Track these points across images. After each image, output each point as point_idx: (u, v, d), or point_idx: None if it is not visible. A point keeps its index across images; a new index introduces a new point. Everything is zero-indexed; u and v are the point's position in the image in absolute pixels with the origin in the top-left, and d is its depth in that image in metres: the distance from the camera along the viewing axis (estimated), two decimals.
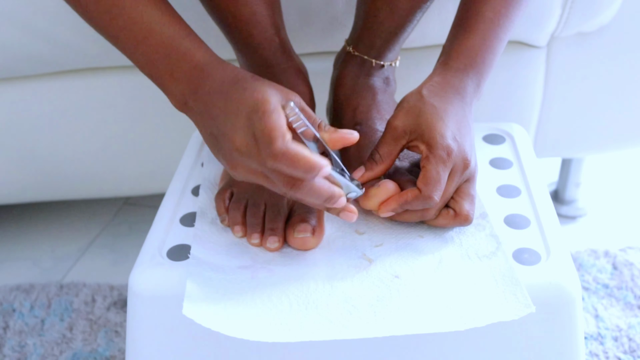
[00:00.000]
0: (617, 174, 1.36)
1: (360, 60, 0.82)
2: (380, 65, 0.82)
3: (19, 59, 0.98)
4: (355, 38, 0.82)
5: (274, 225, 0.70)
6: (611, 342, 0.95)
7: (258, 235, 0.69)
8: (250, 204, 0.72)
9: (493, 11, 0.73)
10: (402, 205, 0.68)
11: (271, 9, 0.78)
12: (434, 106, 0.69)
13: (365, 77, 0.82)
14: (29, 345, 1.00)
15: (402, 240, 0.69)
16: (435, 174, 0.66)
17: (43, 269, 1.19)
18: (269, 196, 0.72)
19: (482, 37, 0.73)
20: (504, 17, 0.74)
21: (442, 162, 0.66)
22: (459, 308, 0.61)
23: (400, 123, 0.69)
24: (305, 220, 0.69)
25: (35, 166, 1.11)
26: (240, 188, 0.74)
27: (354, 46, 0.82)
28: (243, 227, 0.71)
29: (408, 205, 0.67)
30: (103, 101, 1.05)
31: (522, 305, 0.60)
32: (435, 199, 0.66)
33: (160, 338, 0.67)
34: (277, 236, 0.69)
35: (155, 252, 0.69)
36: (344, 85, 0.82)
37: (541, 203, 0.74)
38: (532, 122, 1.08)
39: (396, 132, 0.69)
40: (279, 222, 0.70)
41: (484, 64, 0.74)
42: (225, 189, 0.75)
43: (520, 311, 0.60)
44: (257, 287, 0.64)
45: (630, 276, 1.06)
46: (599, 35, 1.00)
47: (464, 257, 0.66)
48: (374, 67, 0.82)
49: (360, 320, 0.60)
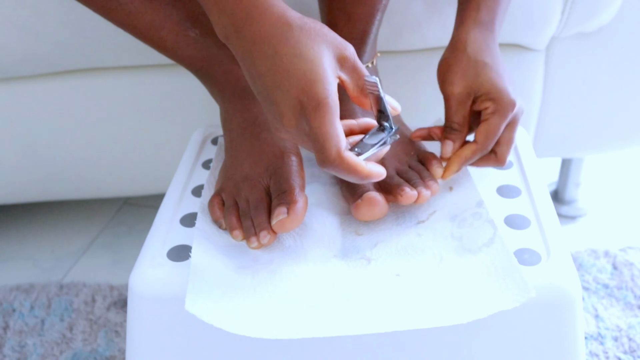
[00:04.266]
0: (617, 174, 1.36)
1: None
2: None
3: (19, 59, 0.98)
4: None
5: (260, 220, 0.69)
6: (611, 342, 0.95)
7: (255, 238, 0.69)
8: (240, 207, 0.72)
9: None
10: (464, 162, 0.73)
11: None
12: (486, 64, 0.73)
13: None
14: (29, 345, 1.00)
15: (401, 240, 0.69)
16: (496, 129, 0.72)
17: (43, 269, 1.19)
18: (249, 192, 0.71)
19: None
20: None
21: (504, 117, 0.72)
22: (460, 301, 0.61)
23: (461, 87, 0.73)
24: (279, 204, 0.68)
25: (35, 166, 1.11)
26: (227, 194, 0.73)
27: None
28: (241, 231, 0.70)
29: (469, 160, 0.73)
30: (103, 101, 1.05)
31: (522, 291, 0.61)
32: (489, 148, 0.73)
33: (160, 338, 0.67)
34: (265, 230, 0.68)
35: (155, 253, 0.69)
36: None
37: (541, 203, 0.74)
38: (532, 122, 1.08)
39: (461, 97, 0.73)
40: (262, 215, 0.69)
41: (502, 10, 0.78)
42: (215, 196, 0.74)
43: (520, 297, 0.60)
44: (258, 286, 0.64)
45: (630, 276, 1.06)
46: (598, 35, 1.00)
47: (464, 252, 0.66)
48: None
49: (362, 316, 0.60)
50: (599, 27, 0.99)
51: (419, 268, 0.65)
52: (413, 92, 1.00)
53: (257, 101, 0.78)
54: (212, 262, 0.66)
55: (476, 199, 0.72)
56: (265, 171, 0.72)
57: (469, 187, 0.75)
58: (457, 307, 0.60)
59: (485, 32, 0.76)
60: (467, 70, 0.73)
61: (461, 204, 0.72)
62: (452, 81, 0.74)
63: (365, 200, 0.70)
